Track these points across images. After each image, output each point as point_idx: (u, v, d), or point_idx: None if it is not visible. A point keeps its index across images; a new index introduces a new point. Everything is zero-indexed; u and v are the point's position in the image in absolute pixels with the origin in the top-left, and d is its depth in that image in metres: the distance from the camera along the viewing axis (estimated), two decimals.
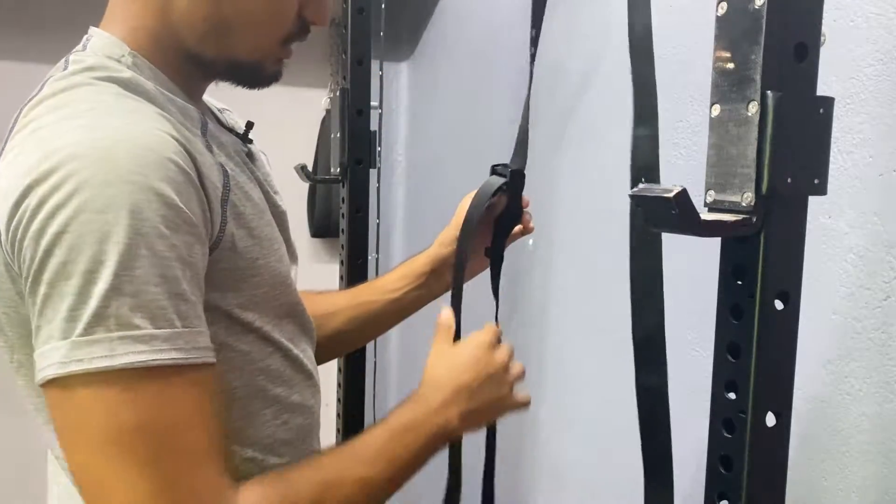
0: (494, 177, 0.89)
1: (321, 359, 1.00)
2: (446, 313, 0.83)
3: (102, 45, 0.66)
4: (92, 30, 0.69)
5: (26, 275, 0.55)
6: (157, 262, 0.54)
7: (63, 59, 0.67)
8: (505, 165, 0.89)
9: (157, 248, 0.54)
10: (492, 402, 0.78)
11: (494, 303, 0.95)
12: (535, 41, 0.97)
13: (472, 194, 0.96)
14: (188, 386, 0.56)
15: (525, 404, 0.83)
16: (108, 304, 0.53)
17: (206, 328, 0.58)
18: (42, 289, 0.54)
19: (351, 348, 1.06)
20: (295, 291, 0.77)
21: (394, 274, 0.99)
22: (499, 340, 0.81)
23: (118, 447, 0.54)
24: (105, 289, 0.52)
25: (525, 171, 0.90)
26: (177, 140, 0.59)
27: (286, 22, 0.70)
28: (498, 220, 0.90)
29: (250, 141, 0.79)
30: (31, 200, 0.54)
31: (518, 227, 0.95)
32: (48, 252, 0.53)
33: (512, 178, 0.87)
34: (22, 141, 0.59)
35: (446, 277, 0.97)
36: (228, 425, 0.65)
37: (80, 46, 0.68)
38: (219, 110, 0.81)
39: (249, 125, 0.80)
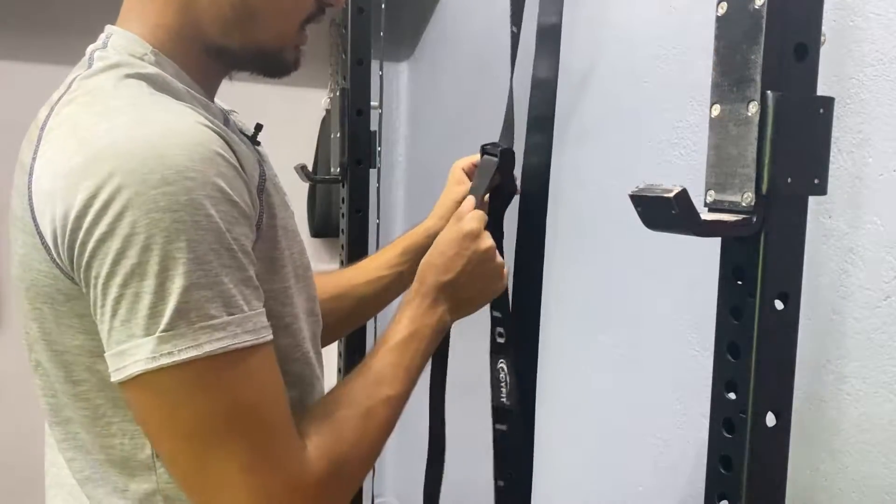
0: (487, 157, 0.93)
1: (332, 339, 1.04)
2: (469, 202, 0.86)
3: (124, 43, 0.66)
4: (110, 28, 0.69)
5: (96, 276, 0.56)
6: (223, 254, 0.57)
7: (86, 58, 0.66)
8: (494, 144, 0.94)
9: (222, 240, 0.56)
10: (481, 290, 0.83)
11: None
12: (515, 19, 1.00)
13: (461, 162, 1.00)
14: (261, 363, 0.60)
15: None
16: (187, 298, 0.55)
17: (263, 307, 0.61)
18: (115, 290, 0.55)
19: (364, 321, 1.12)
20: (314, 285, 0.79)
21: (395, 249, 1.02)
22: (483, 225, 0.83)
23: (214, 428, 0.57)
24: (183, 284, 0.54)
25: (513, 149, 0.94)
26: (217, 132, 0.60)
27: (307, 2, 0.71)
28: (492, 198, 0.93)
29: (258, 143, 0.80)
30: (93, 205, 0.54)
31: None
32: (120, 255, 0.54)
33: (503, 157, 0.91)
34: (60, 140, 0.59)
35: None
36: None
37: (99, 44, 0.67)
38: (226, 112, 0.81)
39: (258, 128, 0.80)
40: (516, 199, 0.97)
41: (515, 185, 0.95)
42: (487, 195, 0.94)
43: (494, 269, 0.83)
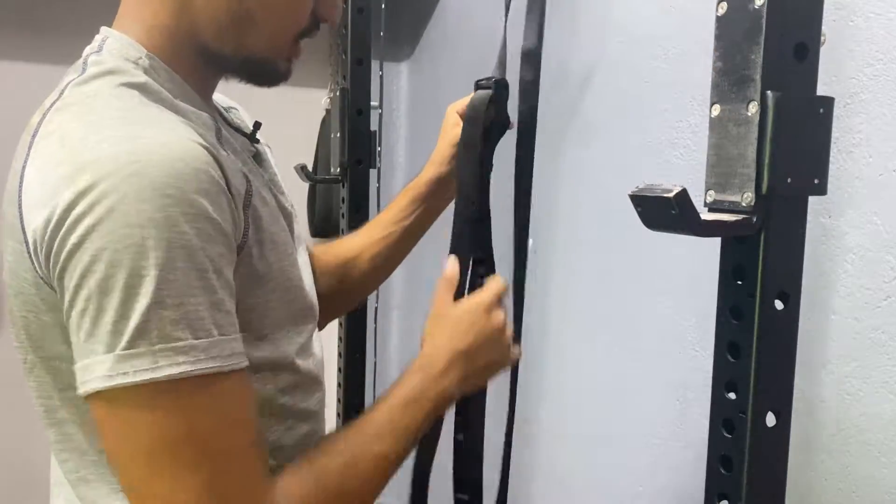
0: (481, 91, 0.91)
1: (351, 304, 1.07)
2: (451, 266, 0.83)
3: (119, 46, 0.66)
4: (105, 30, 0.68)
5: (66, 288, 0.55)
6: (194, 274, 0.55)
7: (80, 61, 0.66)
8: (488, 78, 0.92)
9: (194, 260, 0.55)
10: (489, 364, 0.80)
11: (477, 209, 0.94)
12: None
13: (455, 105, 1.00)
14: (227, 391, 0.58)
15: (516, 360, 0.85)
16: (149, 317, 0.53)
17: (238, 334, 0.59)
18: (81, 304, 0.54)
19: (378, 284, 1.10)
20: (309, 295, 0.77)
21: (400, 202, 1.02)
22: (499, 300, 0.82)
23: (165, 455, 0.55)
24: (147, 303, 0.53)
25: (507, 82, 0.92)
26: (205, 148, 0.59)
27: (303, 17, 0.71)
28: (485, 130, 0.91)
29: (257, 141, 0.79)
30: (69, 216, 0.54)
31: None
32: (88, 268, 0.54)
33: (497, 89, 0.89)
34: (50, 149, 0.59)
35: (448, 191, 1.00)
36: None
37: (94, 47, 0.67)
38: (225, 109, 0.81)
39: (257, 125, 0.80)
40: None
41: (508, 118, 0.92)
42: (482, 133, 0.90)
43: (503, 347, 0.80)
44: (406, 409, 0.72)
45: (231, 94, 0.82)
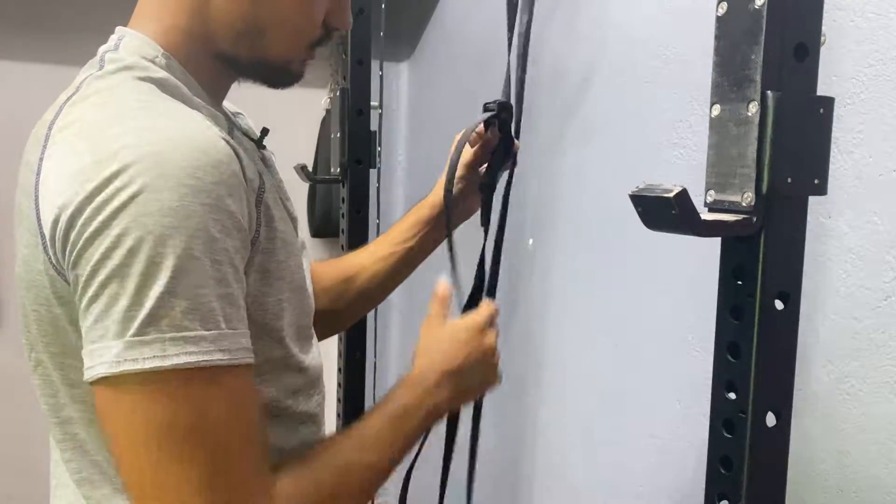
0: (486, 112, 0.91)
1: (347, 322, 1.07)
2: (443, 285, 0.85)
3: (136, 45, 0.66)
4: (121, 29, 0.69)
5: (80, 275, 0.55)
6: (209, 266, 0.55)
7: (96, 59, 0.67)
8: (496, 101, 0.91)
9: (210, 251, 0.55)
10: (479, 383, 0.82)
11: (483, 238, 0.97)
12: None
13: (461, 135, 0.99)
14: (233, 385, 0.58)
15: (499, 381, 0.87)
16: (162, 305, 0.54)
17: (247, 329, 0.60)
18: (94, 289, 0.54)
19: (374, 305, 1.11)
20: (311, 298, 0.77)
21: (404, 224, 1.02)
22: (491, 321, 0.84)
23: (168, 443, 0.55)
24: (160, 291, 0.54)
25: (512, 104, 0.92)
26: (225, 141, 0.59)
27: (315, 27, 0.71)
28: (493, 155, 0.92)
29: (264, 147, 0.80)
30: (89, 204, 0.54)
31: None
32: (106, 254, 0.54)
33: (499, 110, 0.88)
34: (69, 140, 0.59)
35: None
36: None
37: (110, 45, 0.67)
38: (233, 114, 0.81)
39: (265, 132, 0.80)
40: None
41: (513, 141, 0.92)
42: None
43: (493, 367, 0.83)
44: (398, 423, 0.73)
45: (231, 93, 0.82)
